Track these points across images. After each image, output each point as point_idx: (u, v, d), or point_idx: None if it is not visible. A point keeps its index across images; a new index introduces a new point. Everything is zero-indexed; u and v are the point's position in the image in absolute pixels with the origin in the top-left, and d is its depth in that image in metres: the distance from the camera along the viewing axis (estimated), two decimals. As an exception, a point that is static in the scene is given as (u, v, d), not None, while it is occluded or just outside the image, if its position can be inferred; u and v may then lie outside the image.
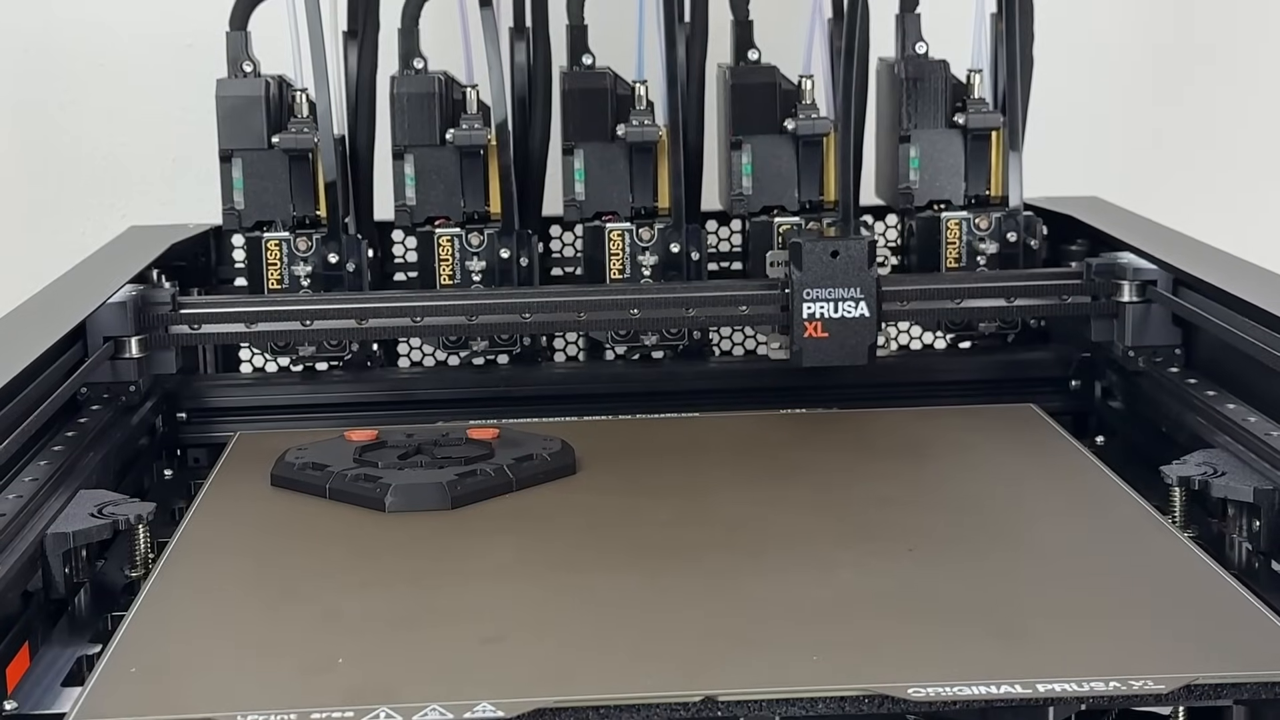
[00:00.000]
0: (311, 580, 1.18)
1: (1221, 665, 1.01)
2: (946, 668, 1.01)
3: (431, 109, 1.68)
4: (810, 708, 0.98)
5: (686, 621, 1.09)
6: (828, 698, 0.98)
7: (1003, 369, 1.70)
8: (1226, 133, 2.25)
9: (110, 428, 1.48)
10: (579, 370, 1.70)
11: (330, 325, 1.58)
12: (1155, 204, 2.16)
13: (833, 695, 0.99)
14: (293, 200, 1.67)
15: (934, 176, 1.71)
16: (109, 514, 1.26)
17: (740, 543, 1.24)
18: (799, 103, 1.69)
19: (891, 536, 1.24)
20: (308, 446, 1.44)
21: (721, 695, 0.98)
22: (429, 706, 0.97)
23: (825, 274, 1.56)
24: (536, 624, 1.09)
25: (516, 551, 1.23)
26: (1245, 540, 1.28)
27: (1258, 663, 1.01)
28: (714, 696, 0.98)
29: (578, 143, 1.68)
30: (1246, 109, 2.25)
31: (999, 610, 1.10)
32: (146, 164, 2.17)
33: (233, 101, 1.67)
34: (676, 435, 1.53)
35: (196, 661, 1.05)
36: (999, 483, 1.37)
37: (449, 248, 1.68)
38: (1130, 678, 0.99)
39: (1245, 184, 2.25)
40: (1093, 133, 2.24)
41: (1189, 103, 2.25)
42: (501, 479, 1.36)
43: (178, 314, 1.58)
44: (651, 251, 1.68)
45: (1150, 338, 1.58)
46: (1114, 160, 2.25)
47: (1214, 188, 2.25)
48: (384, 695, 0.99)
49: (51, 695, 1.06)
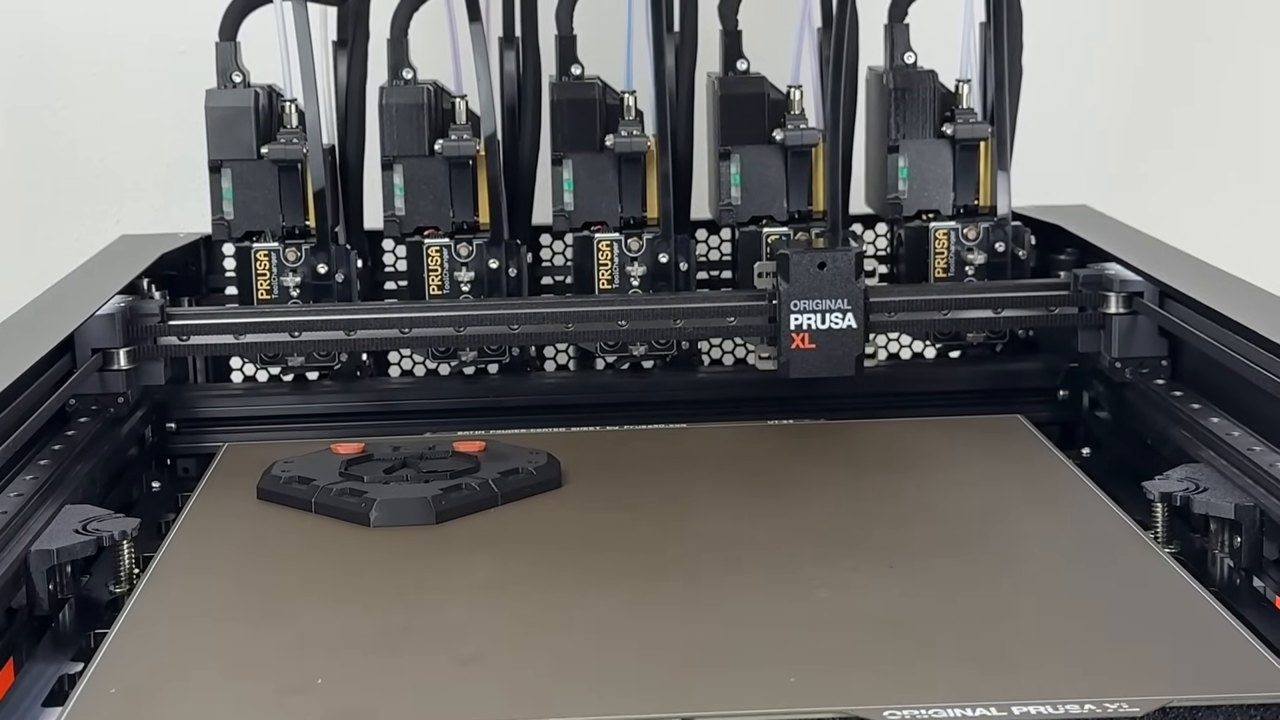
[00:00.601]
0: (294, 598, 1.19)
1: (1197, 687, 1.01)
2: (922, 689, 1.02)
3: (420, 120, 1.68)
4: (786, 730, 0.99)
5: (665, 641, 1.09)
6: (804, 719, 0.99)
7: (991, 379, 1.70)
8: (1219, 132, 2.25)
9: (98, 440, 1.48)
10: (568, 380, 1.71)
11: (319, 337, 1.59)
12: (1147, 205, 2.17)
13: (809, 717, 0.99)
14: (282, 210, 1.68)
15: (922, 186, 1.71)
16: (93, 530, 1.26)
17: (722, 559, 1.24)
18: (787, 113, 1.69)
19: (872, 554, 1.25)
20: (294, 460, 1.44)
21: (699, 716, 0.99)
22: (407, 729, 0.98)
23: (812, 285, 1.56)
24: (515, 644, 1.10)
25: (498, 569, 1.23)
26: (1226, 556, 1.28)
27: (1233, 684, 1.02)
28: (692, 718, 0.99)
29: (567, 153, 1.69)
30: (1243, 108, 2.25)
31: (976, 630, 1.10)
32: (140, 170, 2.17)
33: (222, 112, 1.67)
34: (663, 447, 1.53)
35: (176, 683, 1.06)
36: (981, 498, 1.38)
37: (438, 258, 1.68)
38: (1105, 700, 1.00)
39: (1239, 180, 2.25)
40: (1083, 133, 2.24)
41: (1183, 103, 2.25)
42: (486, 493, 1.37)
43: (166, 325, 1.58)
44: (640, 262, 1.69)
45: (1137, 349, 1.58)
46: (1107, 161, 2.25)
47: (1208, 187, 2.25)
48: (362, 717, 0.99)
49: (32, 716, 1.07)
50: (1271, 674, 1.03)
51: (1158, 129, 2.25)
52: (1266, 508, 1.24)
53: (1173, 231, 2.08)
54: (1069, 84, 2.20)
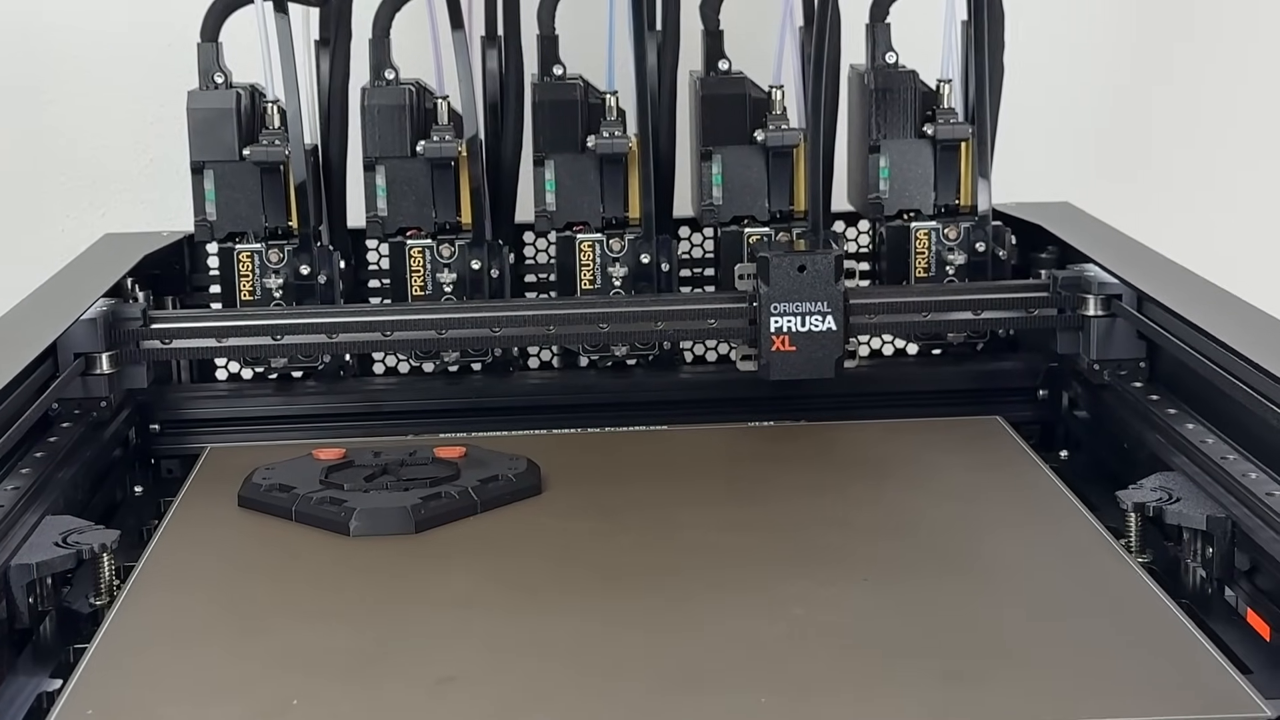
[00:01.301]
0: (271, 614, 1.19)
1: (1165, 708, 1.02)
2: (892, 713, 1.03)
3: (402, 120, 1.68)
4: (757, 752, 1.00)
5: (638, 661, 1.10)
6: (773, 744, 1.00)
7: (972, 379, 1.71)
8: (1202, 126, 2.25)
9: (81, 445, 1.49)
10: (551, 381, 1.71)
11: (301, 340, 1.60)
12: (1132, 197, 2.18)
13: (778, 741, 1.00)
14: (265, 211, 1.68)
15: (904, 186, 1.71)
16: (73, 543, 1.27)
17: (698, 573, 1.25)
18: (769, 113, 1.69)
19: (848, 565, 1.26)
20: (275, 466, 1.45)
21: (669, 742, 1.00)
22: (380, 754, 0.99)
23: (792, 288, 1.57)
24: (489, 664, 1.10)
25: (474, 584, 1.24)
26: (1199, 566, 1.29)
27: (1200, 705, 1.03)
28: (661, 744, 1.00)
29: (549, 154, 1.69)
30: (1227, 98, 2.25)
31: (948, 649, 1.11)
32: (126, 162, 2.17)
33: (204, 114, 1.67)
34: (643, 452, 1.54)
35: (152, 705, 1.06)
36: (957, 507, 1.38)
37: (420, 259, 1.69)
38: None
39: (1222, 174, 2.25)
40: (1067, 124, 2.24)
41: (1167, 94, 2.25)
42: (466, 501, 1.38)
43: (149, 329, 1.59)
44: (622, 263, 1.69)
45: (1115, 351, 1.58)
46: (1090, 153, 2.25)
47: (1191, 180, 2.25)
48: (336, 741, 1.01)
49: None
50: (1237, 694, 1.04)
51: (1142, 121, 2.25)
52: (1238, 519, 1.25)
53: (1155, 225, 2.09)
54: (1052, 78, 2.20)
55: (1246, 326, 1.39)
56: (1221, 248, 2.20)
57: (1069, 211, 1.84)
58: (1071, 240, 1.68)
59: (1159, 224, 2.17)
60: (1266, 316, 1.42)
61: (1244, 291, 1.51)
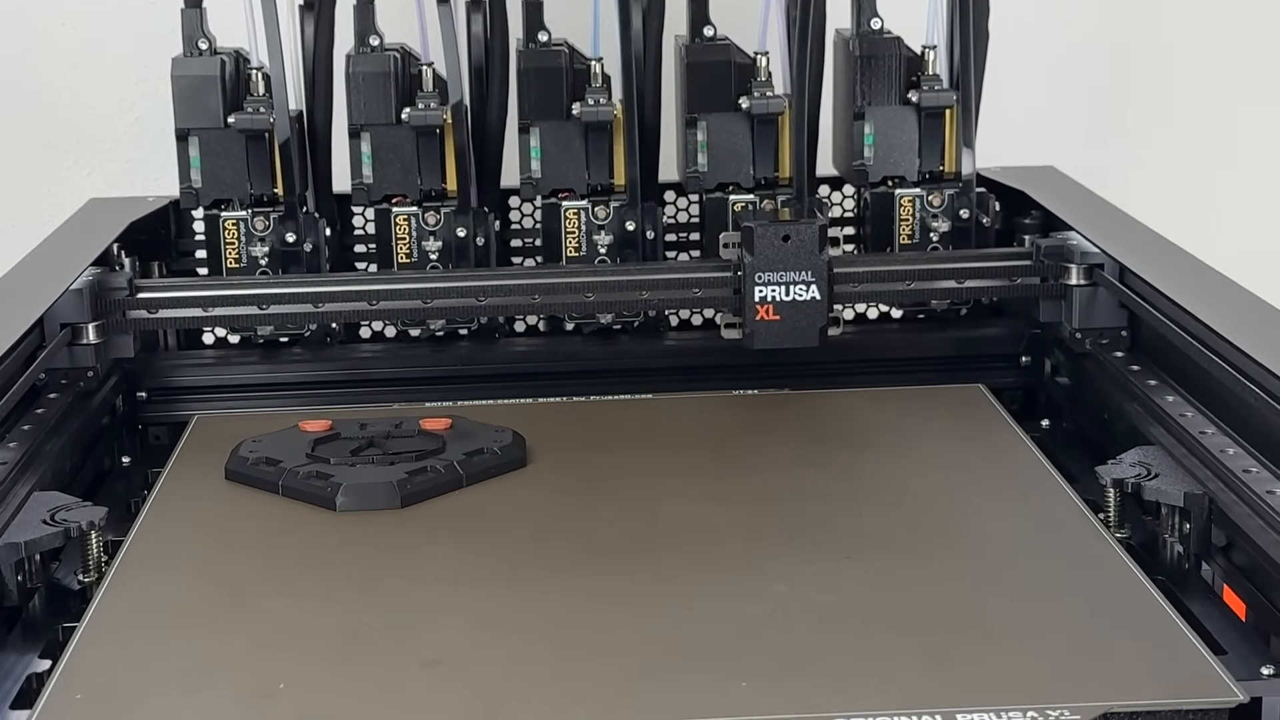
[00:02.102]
0: (258, 593, 1.21)
1: (1139, 692, 1.04)
2: (871, 695, 1.04)
3: (387, 88, 1.68)
4: (739, 737, 1.02)
5: (622, 642, 1.12)
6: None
7: (955, 345, 1.72)
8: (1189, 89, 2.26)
9: (68, 415, 1.50)
10: (537, 348, 1.72)
11: (287, 310, 1.60)
12: (1117, 160, 2.19)
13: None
14: (250, 179, 1.68)
15: (888, 153, 1.71)
16: (61, 521, 1.28)
17: (681, 549, 1.26)
18: (754, 79, 1.69)
19: (830, 541, 1.27)
20: (261, 439, 1.46)
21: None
22: (366, 742, 1.00)
23: (776, 258, 1.57)
24: (474, 645, 1.12)
25: (459, 560, 1.25)
26: (1176, 541, 1.30)
27: (1174, 689, 1.04)
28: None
29: (533, 121, 1.69)
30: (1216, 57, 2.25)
31: (926, 630, 1.13)
32: (111, 122, 2.17)
33: (188, 81, 1.67)
34: (628, 422, 1.55)
35: (141, 687, 1.08)
36: (939, 479, 1.39)
37: (406, 226, 1.69)
38: (1047, 707, 1.02)
39: (1208, 136, 2.26)
40: (1053, 85, 2.24)
41: (1155, 53, 2.25)
42: (452, 475, 1.39)
43: (135, 299, 1.59)
44: (607, 230, 1.70)
45: (1097, 320, 1.59)
46: (1076, 114, 2.26)
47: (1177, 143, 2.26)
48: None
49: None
50: (1211, 677, 1.05)
51: (1130, 81, 2.25)
52: (1215, 496, 1.26)
53: (1143, 186, 2.10)
54: (1038, 37, 2.20)
55: (1224, 303, 1.40)
56: (1213, 207, 2.21)
57: (1053, 177, 1.84)
58: (1054, 208, 1.68)
59: (1147, 185, 2.19)
60: (1245, 292, 1.43)
61: (1232, 253, 1.52)
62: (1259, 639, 1.15)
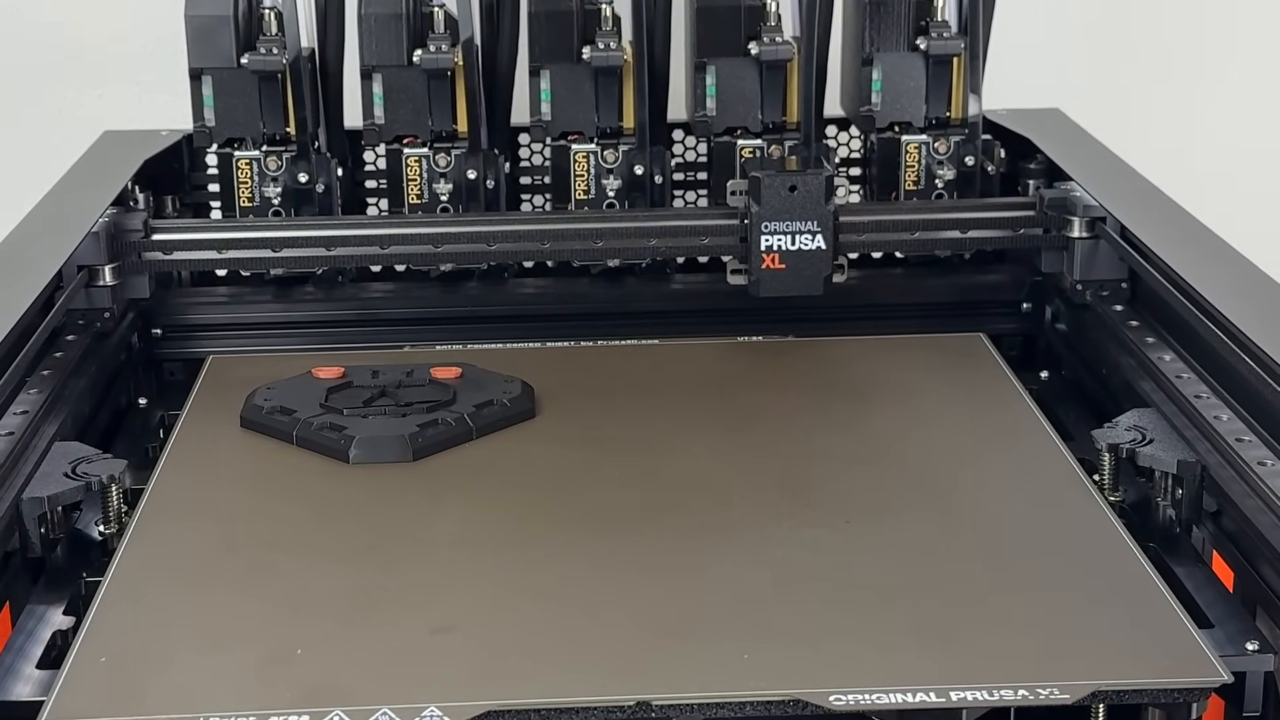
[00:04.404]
0: (275, 552, 1.24)
1: (1129, 670, 1.07)
2: (868, 670, 1.08)
3: (399, 30, 1.69)
4: (739, 710, 1.05)
5: (627, 611, 1.15)
6: (755, 701, 1.05)
7: (958, 291, 1.74)
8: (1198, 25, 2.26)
9: (86, 359, 1.52)
10: (545, 290, 1.74)
11: (299, 253, 1.63)
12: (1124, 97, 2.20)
13: (759, 700, 1.05)
14: (263, 118, 1.70)
15: (895, 99, 1.73)
16: (82, 474, 1.31)
17: (685, 511, 1.29)
18: (763, 23, 1.70)
19: (831, 504, 1.30)
20: (275, 387, 1.48)
21: (654, 699, 1.05)
22: (380, 710, 1.04)
23: (783, 208, 1.59)
24: (483, 612, 1.15)
25: (468, 519, 1.28)
26: (1169, 506, 1.33)
27: (1161, 668, 1.08)
28: (647, 701, 1.05)
29: (544, 64, 1.70)
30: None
31: (922, 602, 1.16)
32: (123, 44, 2.18)
33: (201, 20, 1.68)
34: (635, 368, 1.58)
35: (162, 650, 1.11)
36: (936, 438, 1.42)
37: (416, 168, 1.71)
38: (1038, 685, 1.06)
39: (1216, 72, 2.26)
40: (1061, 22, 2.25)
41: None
42: (462, 428, 1.42)
43: (150, 240, 1.62)
44: (616, 174, 1.72)
45: (1097, 272, 1.62)
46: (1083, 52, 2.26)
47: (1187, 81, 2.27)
48: (337, 694, 1.06)
49: (26, 682, 1.12)
50: (1198, 656, 1.09)
51: (1139, 16, 2.26)
52: (1207, 463, 1.29)
53: (1149, 124, 2.11)
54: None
55: (1221, 270, 1.43)
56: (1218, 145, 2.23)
57: (1058, 121, 1.85)
58: (1057, 158, 1.70)
59: (1153, 123, 2.20)
60: (1242, 259, 1.45)
61: (1237, 197, 1.52)
62: (1245, 611, 1.19)
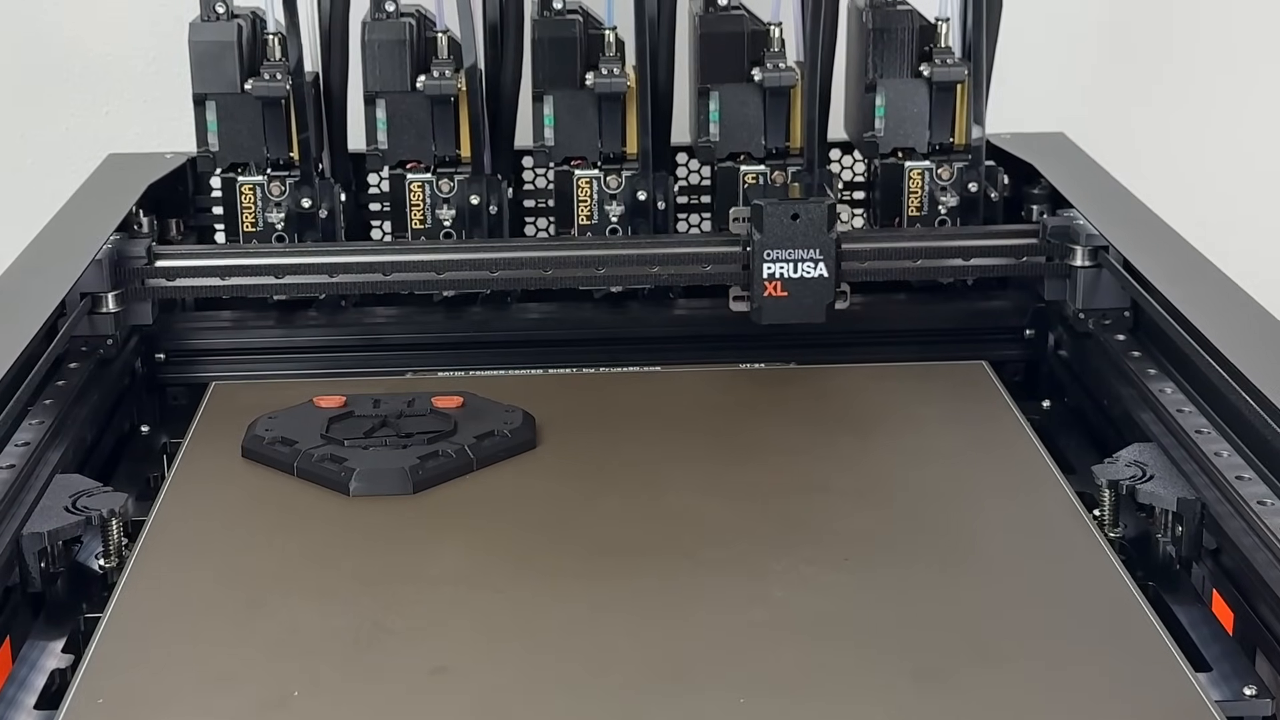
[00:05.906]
0: (274, 591, 1.24)
1: (1123, 714, 1.08)
2: (865, 715, 1.08)
3: (402, 55, 1.69)
4: (735, 756, 1.06)
5: (624, 655, 1.15)
6: (749, 748, 1.06)
7: (961, 317, 1.74)
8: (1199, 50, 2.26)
9: (89, 385, 1.53)
10: (548, 316, 1.74)
11: (302, 280, 1.63)
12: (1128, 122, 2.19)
13: (754, 746, 1.06)
14: (266, 143, 1.70)
15: (899, 124, 1.72)
16: (83, 508, 1.32)
17: (682, 548, 1.29)
18: (767, 49, 1.70)
19: (829, 540, 1.30)
20: (277, 416, 1.49)
21: (649, 747, 1.06)
22: (375, 756, 1.05)
23: (785, 236, 1.59)
24: (480, 654, 1.15)
25: (466, 557, 1.28)
26: (1169, 542, 1.33)
27: (1159, 715, 1.08)
28: (641, 749, 1.06)
29: (547, 89, 1.71)
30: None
31: (918, 645, 1.15)
32: (130, 64, 2.18)
33: (205, 46, 1.69)
34: (635, 398, 1.57)
35: (160, 692, 1.11)
36: (937, 473, 1.41)
37: (420, 194, 1.71)
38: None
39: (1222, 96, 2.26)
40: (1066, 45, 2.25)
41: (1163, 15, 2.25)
42: (463, 460, 1.42)
43: (153, 268, 1.62)
44: (619, 200, 1.72)
45: (1100, 301, 1.62)
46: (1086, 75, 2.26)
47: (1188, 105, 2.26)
48: (335, 738, 1.06)
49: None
50: (1195, 703, 1.09)
51: (1140, 42, 2.25)
52: (1207, 501, 1.29)
53: (1152, 151, 2.11)
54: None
55: (1221, 306, 1.42)
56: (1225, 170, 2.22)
57: (1062, 146, 1.85)
58: (1061, 186, 1.70)
59: (1159, 146, 2.19)
60: (1243, 294, 1.45)
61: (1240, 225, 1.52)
62: (1244, 654, 1.19)
